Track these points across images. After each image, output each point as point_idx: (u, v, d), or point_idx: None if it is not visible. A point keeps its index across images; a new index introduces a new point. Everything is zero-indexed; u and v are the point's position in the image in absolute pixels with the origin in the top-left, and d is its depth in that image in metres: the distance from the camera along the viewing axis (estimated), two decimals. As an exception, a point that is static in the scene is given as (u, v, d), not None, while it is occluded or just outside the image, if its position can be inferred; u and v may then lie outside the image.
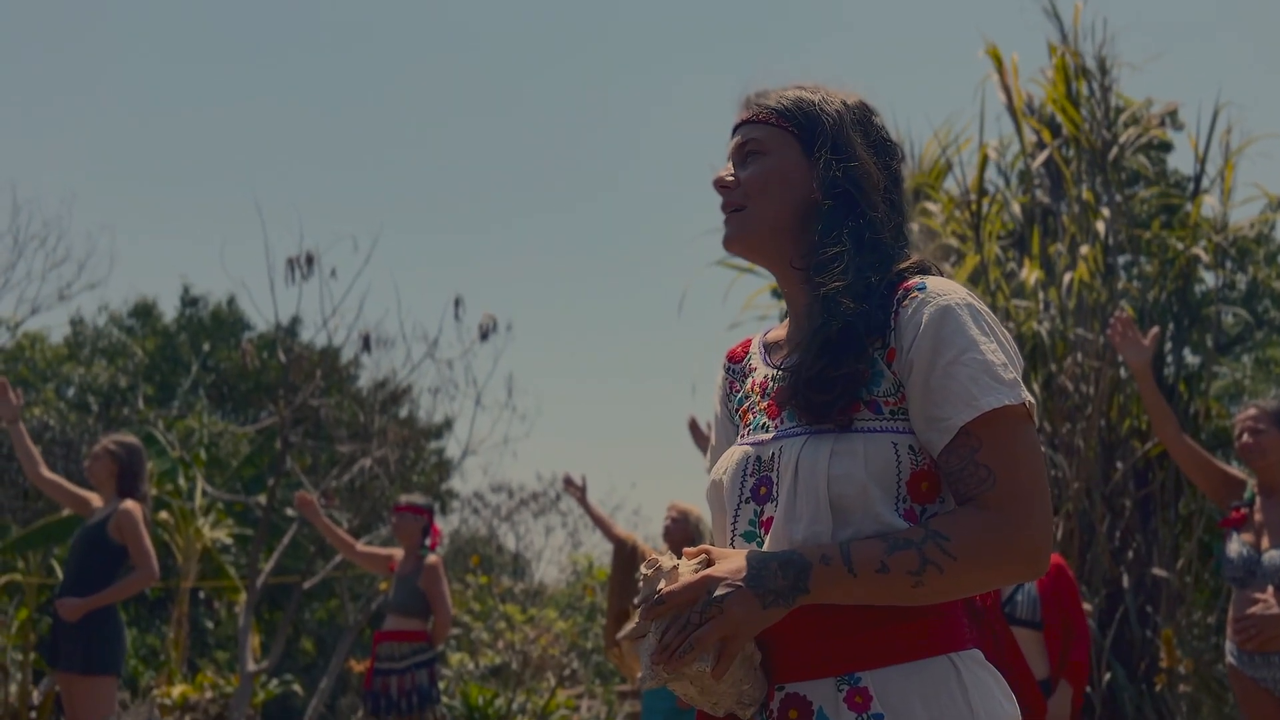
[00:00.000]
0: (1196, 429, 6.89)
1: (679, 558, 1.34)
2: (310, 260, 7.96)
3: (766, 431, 1.42)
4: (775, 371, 1.47)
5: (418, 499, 5.34)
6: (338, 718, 10.65)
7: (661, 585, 1.28)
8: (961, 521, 1.29)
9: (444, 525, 18.21)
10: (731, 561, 1.30)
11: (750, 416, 1.48)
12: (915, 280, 1.39)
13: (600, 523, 5.23)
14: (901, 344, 1.35)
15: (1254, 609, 3.36)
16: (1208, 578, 6.52)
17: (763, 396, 1.47)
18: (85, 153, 26.54)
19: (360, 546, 5.54)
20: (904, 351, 1.35)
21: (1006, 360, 1.34)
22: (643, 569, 1.31)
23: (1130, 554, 6.53)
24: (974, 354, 1.32)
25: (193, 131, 26.55)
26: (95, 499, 4.83)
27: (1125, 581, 6.39)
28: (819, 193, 1.45)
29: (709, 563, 1.32)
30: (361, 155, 27.31)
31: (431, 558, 5.12)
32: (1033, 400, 1.35)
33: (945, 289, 1.37)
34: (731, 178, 1.49)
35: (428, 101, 28.97)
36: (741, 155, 1.50)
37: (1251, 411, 3.59)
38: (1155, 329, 3.96)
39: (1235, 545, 3.51)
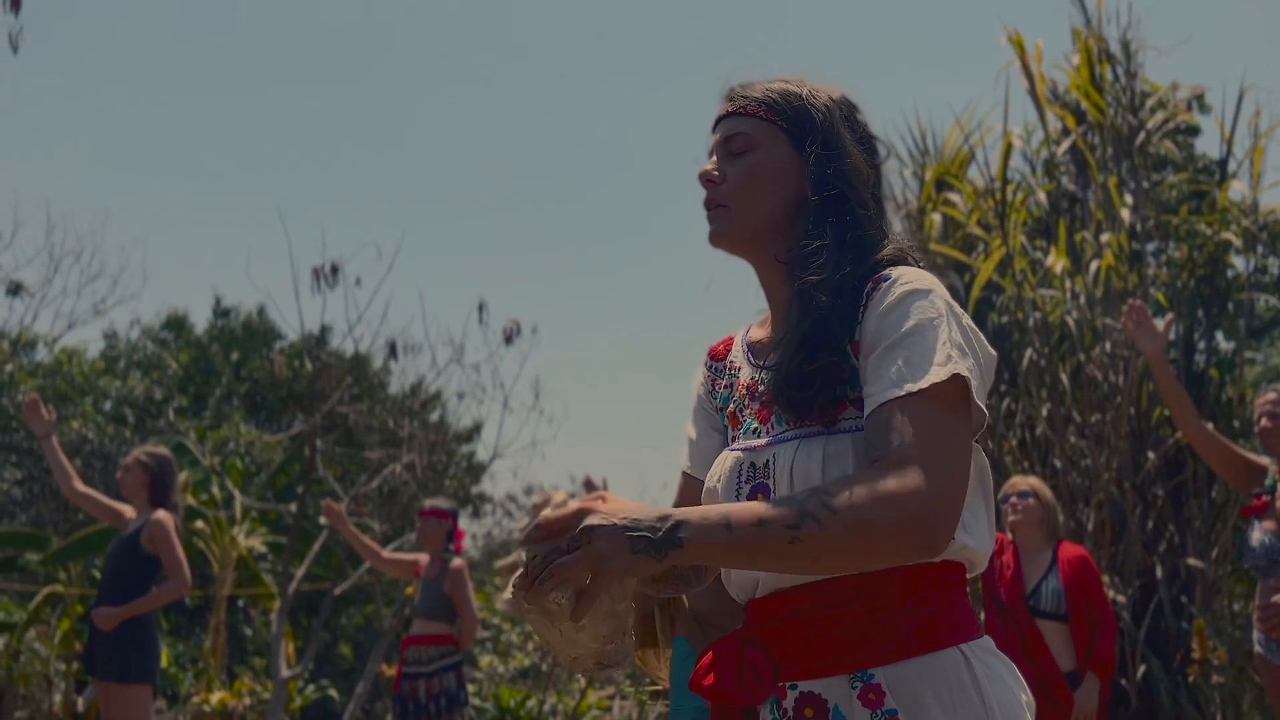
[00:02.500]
0: (1230, 416, 6.78)
1: None
2: (335, 270, 8.04)
3: (759, 437, 1.42)
4: (761, 373, 1.46)
5: (441, 503, 5.37)
6: (375, 721, 10.73)
7: (545, 514, 1.25)
8: (852, 478, 1.24)
9: (477, 528, 18.32)
10: (615, 503, 1.26)
11: (740, 419, 1.48)
12: (885, 272, 1.38)
13: None
14: (864, 334, 1.35)
15: (1278, 598, 3.32)
16: (1245, 566, 6.42)
17: (752, 399, 1.46)
18: (117, 169, 26.92)
19: (385, 553, 5.59)
20: (864, 341, 1.35)
21: (951, 341, 1.30)
22: (534, 499, 1.32)
23: (1163, 544, 6.45)
24: (914, 337, 1.31)
25: (219, 144, 26.86)
26: (128, 510, 4.91)
27: (1159, 572, 6.31)
28: (809, 189, 1.43)
29: None
30: (383, 163, 27.49)
31: (456, 561, 5.15)
32: (972, 380, 1.29)
33: (909, 276, 1.36)
34: (718, 173, 1.47)
35: (447, 108, 29.13)
36: (727, 149, 1.47)
37: (1271, 395, 3.54)
38: (1170, 315, 3.91)
39: (1257, 534, 3.46)
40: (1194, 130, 9.37)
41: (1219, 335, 7.30)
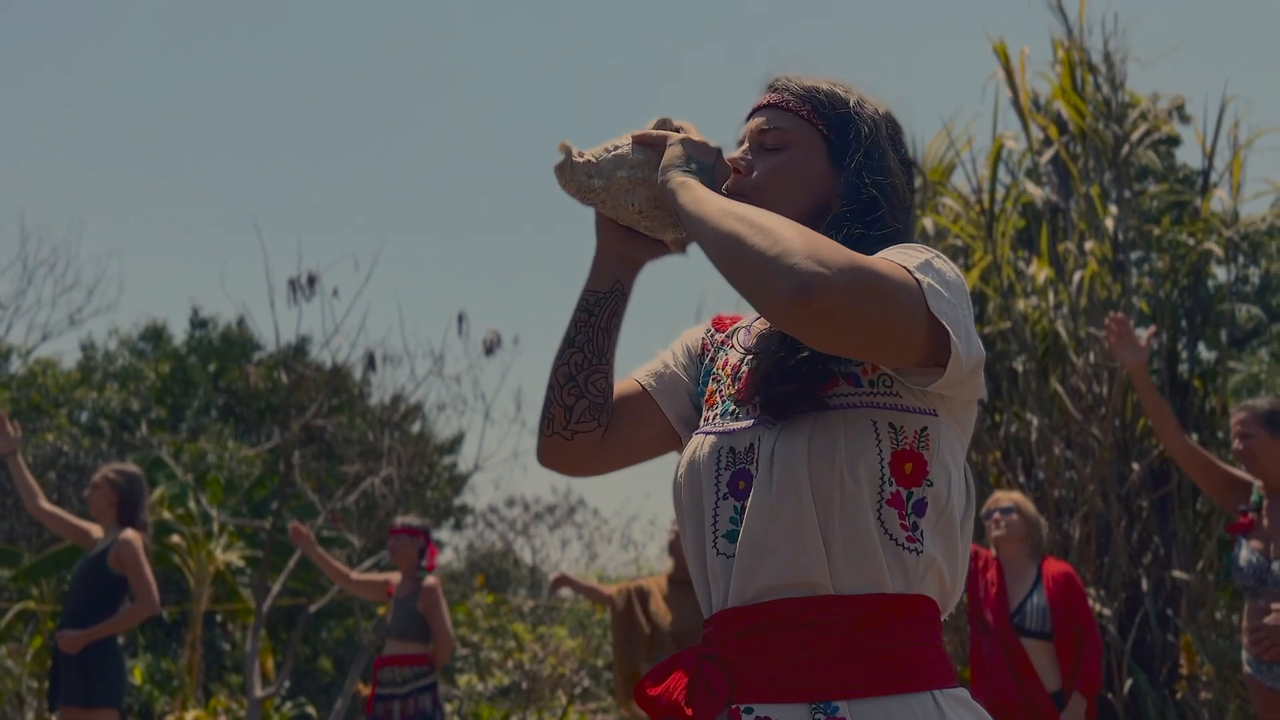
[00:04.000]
0: (1214, 426, 6.76)
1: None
2: (312, 280, 7.93)
3: (738, 419, 1.32)
4: (746, 356, 1.38)
5: (413, 520, 5.28)
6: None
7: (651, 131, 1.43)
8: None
9: (459, 540, 18.15)
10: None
11: (716, 400, 1.38)
12: None
13: (593, 594, 5.18)
14: None
15: (1269, 619, 3.25)
16: (1234, 585, 6.37)
17: (733, 381, 1.37)
18: (92, 178, 26.73)
19: (355, 575, 5.47)
20: None
21: (932, 262, 1.20)
22: (654, 120, 1.44)
23: (1149, 556, 6.40)
24: (897, 249, 1.23)
25: (194, 153, 26.70)
26: (96, 529, 4.78)
27: (1144, 584, 6.26)
28: (838, 201, 1.35)
29: None
30: (360, 172, 27.38)
31: (429, 579, 5.05)
32: (932, 286, 1.17)
33: (907, 244, 1.27)
34: (745, 163, 1.39)
35: (423, 116, 29.05)
36: (760, 142, 1.39)
37: (1241, 415, 3.47)
38: (1152, 328, 3.86)
39: (1245, 553, 3.39)
40: (1174, 141, 9.39)
41: (1201, 345, 7.27)
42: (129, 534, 4.56)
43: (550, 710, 7.30)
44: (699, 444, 1.35)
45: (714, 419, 1.37)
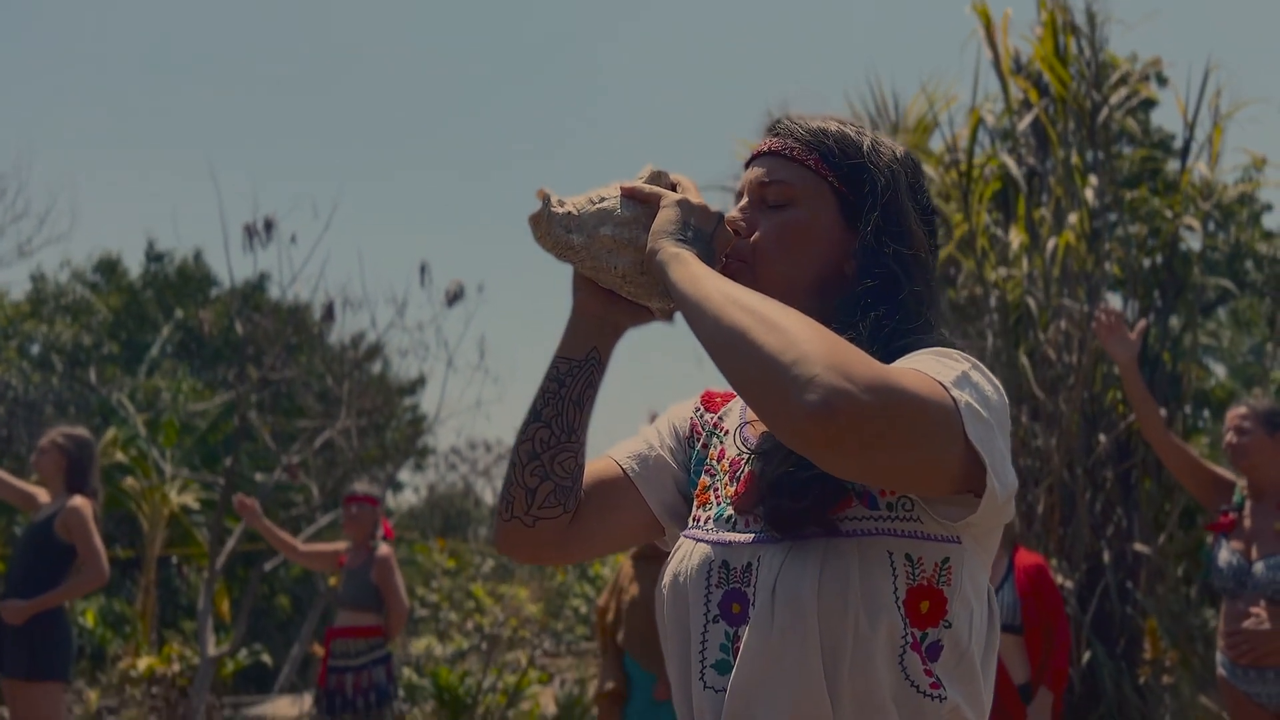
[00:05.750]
0: (1180, 395, 6.77)
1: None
2: (269, 225, 7.66)
3: (735, 530, 1.16)
4: (748, 454, 1.21)
5: (372, 489, 5.16)
6: (309, 686, 10.58)
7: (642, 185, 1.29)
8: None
9: (420, 480, 18.04)
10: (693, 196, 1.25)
11: (711, 499, 1.22)
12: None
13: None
14: None
15: (1247, 623, 3.23)
16: (1189, 541, 6.43)
17: (731, 480, 1.21)
18: (44, 106, 25.86)
19: (302, 547, 5.35)
20: None
21: (969, 380, 1.05)
22: (648, 168, 1.29)
23: (1111, 528, 6.43)
24: (929, 355, 1.08)
25: (153, 88, 25.90)
26: (42, 494, 4.60)
27: (1106, 556, 6.29)
28: (852, 263, 1.19)
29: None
30: (320, 117, 26.72)
31: (384, 548, 4.92)
32: (970, 406, 1.03)
33: (940, 349, 1.11)
34: (745, 223, 1.23)
35: (385, 60, 28.33)
36: (762, 195, 1.23)
37: (1241, 410, 3.42)
38: (1143, 322, 3.78)
39: (1225, 553, 3.35)
40: (1150, 103, 9.30)
41: (1173, 318, 7.24)
42: (77, 501, 4.39)
43: (510, 670, 7.27)
44: (687, 552, 1.19)
45: (706, 522, 1.21)
